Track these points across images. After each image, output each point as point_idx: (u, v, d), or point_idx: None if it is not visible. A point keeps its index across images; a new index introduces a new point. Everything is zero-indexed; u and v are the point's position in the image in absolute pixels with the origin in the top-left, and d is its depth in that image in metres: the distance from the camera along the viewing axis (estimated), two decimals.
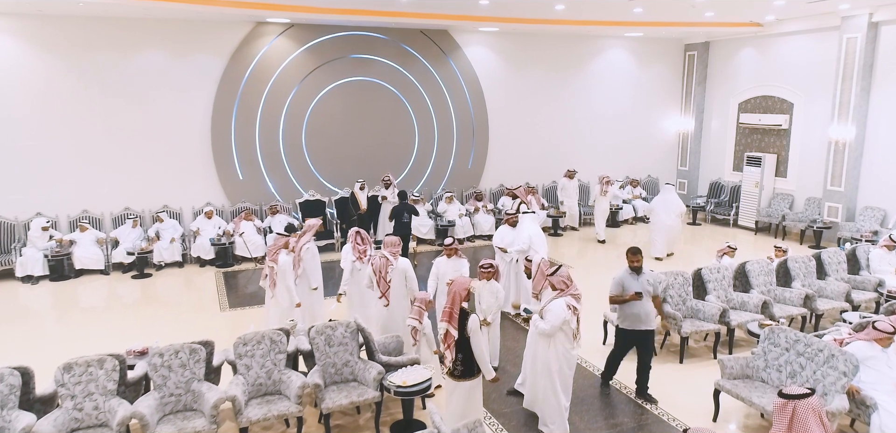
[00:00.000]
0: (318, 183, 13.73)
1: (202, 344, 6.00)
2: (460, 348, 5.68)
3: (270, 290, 7.70)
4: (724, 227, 15.37)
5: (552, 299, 6.03)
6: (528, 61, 15.15)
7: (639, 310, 6.71)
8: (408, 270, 7.52)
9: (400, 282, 7.49)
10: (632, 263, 6.74)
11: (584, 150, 15.94)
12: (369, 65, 13.75)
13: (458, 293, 5.73)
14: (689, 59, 16.75)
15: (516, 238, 9.01)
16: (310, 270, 8.29)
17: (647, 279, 6.79)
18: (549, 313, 5.97)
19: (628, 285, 6.74)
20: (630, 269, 6.75)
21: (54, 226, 11.89)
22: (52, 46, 11.54)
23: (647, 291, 6.73)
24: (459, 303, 5.69)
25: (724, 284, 8.46)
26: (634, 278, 6.73)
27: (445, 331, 5.74)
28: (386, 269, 7.44)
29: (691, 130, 16.81)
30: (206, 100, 12.66)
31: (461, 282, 5.86)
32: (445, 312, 5.75)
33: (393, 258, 7.49)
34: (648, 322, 6.74)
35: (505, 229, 9.29)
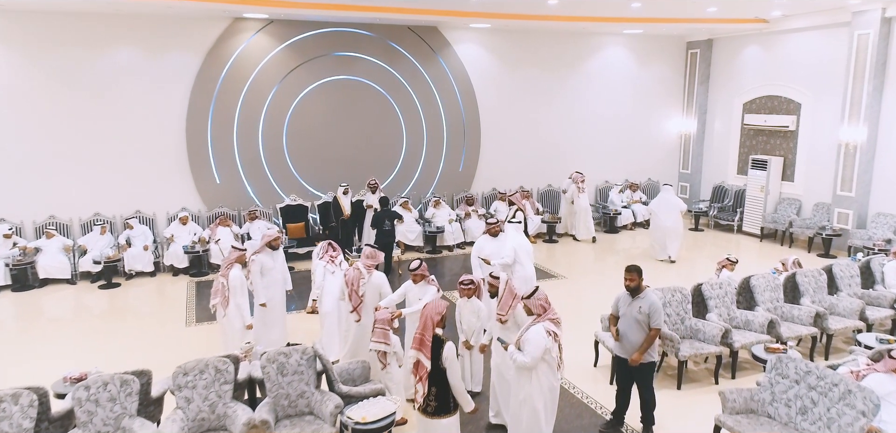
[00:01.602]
0: (301, 187, 13.07)
1: (136, 374, 5.34)
2: (434, 380, 5.00)
3: (222, 309, 7.04)
4: (728, 233, 14.65)
5: (529, 325, 5.35)
6: (521, 59, 14.46)
7: (623, 335, 5.98)
8: (383, 286, 6.86)
9: (374, 297, 6.83)
10: (626, 284, 5.97)
11: (581, 153, 15.23)
12: (354, 63, 13.09)
13: (431, 317, 5.06)
14: (691, 57, 16.04)
15: (499, 249, 8.31)
16: (256, 286, 7.56)
17: (641, 307, 5.86)
18: (528, 344, 5.27)
19: (621, 307, 6.04)
20: (626, 289, 6.01)
21: (19, 233, 11.27)
22: (16, 42, 10.91)
23: (637, 320, 5.87)
24: (432, 329, 5.02)
25: (727, 301, 7.76)
26: (627, 299, 6.00)
27: (416, 361, 5.06)
28: (357, 282, 6.78)
29: (693, 132, 16.09)
30: (180, 100, 12.01)
31: (434, 305, 5.18)
32: (416, 339, 5.08)
33: (366, 271, 6.82)
34: (633, 348, 5.91)
35: (485, 240, 8.59)
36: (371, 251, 6.96)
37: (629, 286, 5.94)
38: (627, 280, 5.95)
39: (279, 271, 7.88)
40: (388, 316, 6.15)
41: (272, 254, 7.80)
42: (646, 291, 5.94)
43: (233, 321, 7.09)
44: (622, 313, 6.00)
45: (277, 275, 7.84)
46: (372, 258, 6.90)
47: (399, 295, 6.62)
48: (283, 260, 8.07)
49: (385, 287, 6.86)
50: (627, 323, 5.94)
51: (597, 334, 7.55)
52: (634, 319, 5.88)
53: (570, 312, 9.06)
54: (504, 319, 5.96)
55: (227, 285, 7.00)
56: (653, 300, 5.91)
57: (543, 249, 13.28)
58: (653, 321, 5.87)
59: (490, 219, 8.81)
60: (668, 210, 12.31)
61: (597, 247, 13.73)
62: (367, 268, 6.83)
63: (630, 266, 5.98)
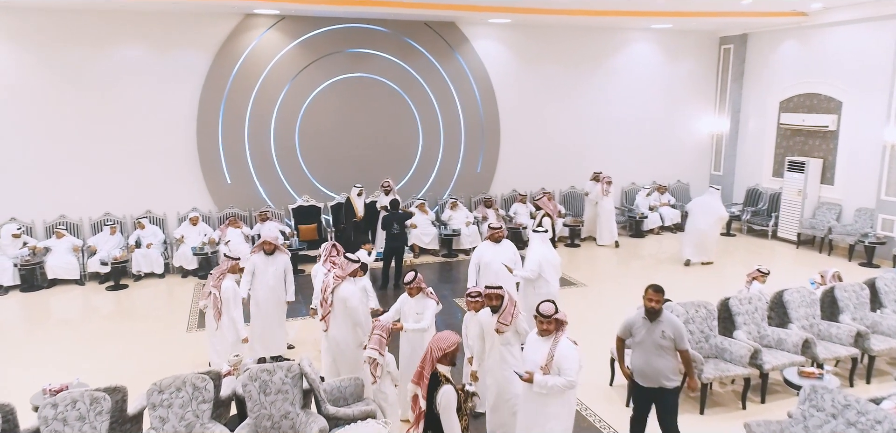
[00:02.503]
0: (313, 187, 12.73)
1: (109, 391, 5.00)
2: (429, 423, 4.41)
3: (215, 321, 6.69)
4: (762, 239, 13.86)
5: (559, 344, 4.93)
6: (543, 56, 13.87)
7: (643, 363, 5.36)
8: (349, 300, 6.28)
9: (340, 309, 6.34)
10: (647, 304, 5.31)
11: (606, 153, 14.58)
12: (368, 60, 12.69)
13: (432, 350, 4.43)
14: (724, 53, 15.24)
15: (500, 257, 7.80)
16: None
17: (664, 332, 5.27)
18: (566, 361, 4.88)
19: (636, 332, 5.43)
20: (645, 312, 5.36)
21: (30, 233, 11.16)
22: (25, 40, 10.77)
23: (660, 346, 5.27)
24: (432, 365, 4.41)
25: (757, 318, 7.12)
26: (645, 324, 5.36)
27: (414, 396, 4.56)
28: (326, 290, 6.36)
29: (726, 132, 15.30)
30: (190, 98, 11.77)
31: (440, 338, 4.46)
32: (416, 372, 4.54)
33: (336, 282, 6.38)
34: (658, 379, 5.31)
35: (486, 246, 8.09)
36: (344, 262, 6.48)
37: (652, 308, 5.30)
38: (651, 301, 5.30)
39: (272, 276, 7.47)
40: (389, 325, 5.72)
41: (266, 257, 7.43)
42: (663, 313, 5.35)
43: (226, 335, 6.74)
44: (639, 340, 5.38)
45: (269, 279, 7.43)
46: (342, 269, 6.42)
47: (394, 311, 6.16)
48: (283, 266, 7.63)
49: (352, 301, 6.25)
50: (648, 349, 5.31)
51: (613, 351, 6.99)
52: (656, 345, 5.27)
53: (586, 324, 8.58)
54: (504, 330, 5.53)
55: (219, 297, 6.65)
56: (675, 321, 5.35)
57: (564, 254, 12.62)
58: (680, 343, 5.30)
59: (494, 225, 8.26)
60: (705, 213, 11.73)
61: (620, 252, 13.11)
62: (336, 279, 6.38)
63: (655, 285, 5.36)
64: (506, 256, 7.82)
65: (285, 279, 7.60)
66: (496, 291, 5.64)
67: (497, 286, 5.70)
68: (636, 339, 5.41)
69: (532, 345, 5.12)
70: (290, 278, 7.63)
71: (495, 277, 7.78)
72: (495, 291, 5.65)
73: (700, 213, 11.86)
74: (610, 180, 13.29)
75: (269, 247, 7.41)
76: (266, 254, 7.40)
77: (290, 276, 7.64)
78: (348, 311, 6.19)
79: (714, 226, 11.88)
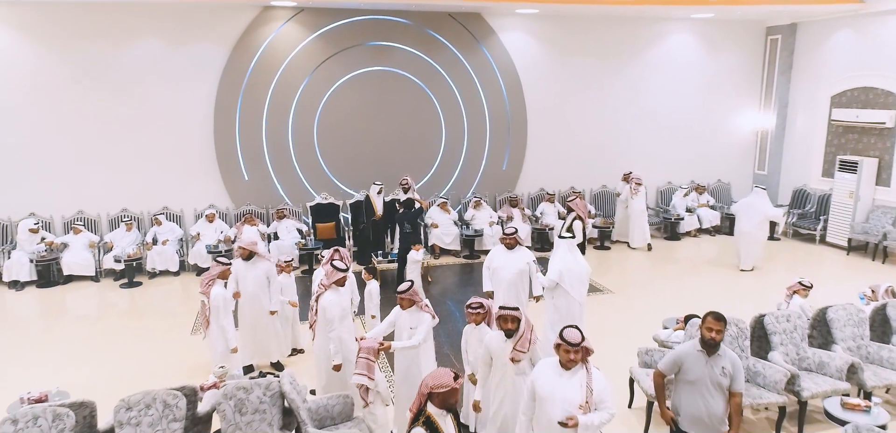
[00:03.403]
0: (332, 185, 12.39)
1: (74, 406, 4.69)
2: None
3: (203, 331, 6.36)
4: (809, 244, 12.90)
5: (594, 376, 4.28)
6: (574, 48, 13.18)
7: (700, 407, 4.57)
8: (327, 309, 5.85)
9: (321, 317, 5.92)
10: (707, 335, 4.52)
11: (641, 151, 13.83)
12: (389, 53, 12.25)
13: (426, 383, 3.79)
14: (770, 44, 14.25)
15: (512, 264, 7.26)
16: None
17: (724, 368, 4.52)
18: (607, 394, 4.27)
19: (690, 368, 4.60)
20: (701, 344, 4.58)
21: (48, 228, 11.14)
22: (42, 35, 10.71)
23: (719, 384, 4.53)
24: (421, 401, 3.79)
25: (796, 337, 6.40)
26: (702, 359, 4.56)
27: None
28: (315, 298, 5.95)
29: (772, 129, 14.31)
30: (208, 93, 11.55)
31: (435, 377, 3.79)
32: (412, 408, 3.92)
33: (320, 291, 5.95)
34: (716, 426, 4.56)
35: (498, 251, 7.56)
36: (329, 270, 6.02)
37: (712, 340, 4.52)
38: (712, 332, 4.51)
39: (252, 283, 7.05)
40: (375, 345, 5.26)
41: (245, 263, 7.05)
42: (721, 345, 4.60)
43: (215, 344, 6.40)
44: (693, 378, 4.58)
45: (249, 287, 7.03)
46: (328, 276, 5.97)
47: (387, 325, 5.69)
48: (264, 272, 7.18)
49: (330, 311, 5.82)
50: (705, 390, 4.54)
51: (632, 370, 6.39)
52: (716, 384, 4.53)
53: (605, 333, 7.97)
54: (520, 359, 4.92)
55: (208, 304, 6.31)
56: (734, 357, 4.61)
57: (593, 257, 12.02)
58: (736, 383, 4.56)
59: (508, 228, 7.70)
60: (749, 214, 11.03)
61: (652, 256, 12.36)
62: (323, 287, 5.93)
63: (717, 314, 4.57)
64: (519, 265, 7.27)
65: (269, 286, 7.16)
66: (512, 313, 4.92)
67: (513, 307, 4.96)
68: (689, 377, 4.60)
69: (555, 380, 4.26)
70: (274, 285, 7.19)
71: (508, 289, 7.29)
72: (511, 313, 4.92)
73: (743, 215, 11.20)
74: (639, 181, 12.54)
75: (244, 252, 7.02)
76: (244, 260, 7.00)
77: (275, 283, 7.21)
78: (326, 322, 5.77)
79: (759, 228, 11.10)
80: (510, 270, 7.27)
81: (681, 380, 4.69)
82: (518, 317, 4.94)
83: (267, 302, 7.13)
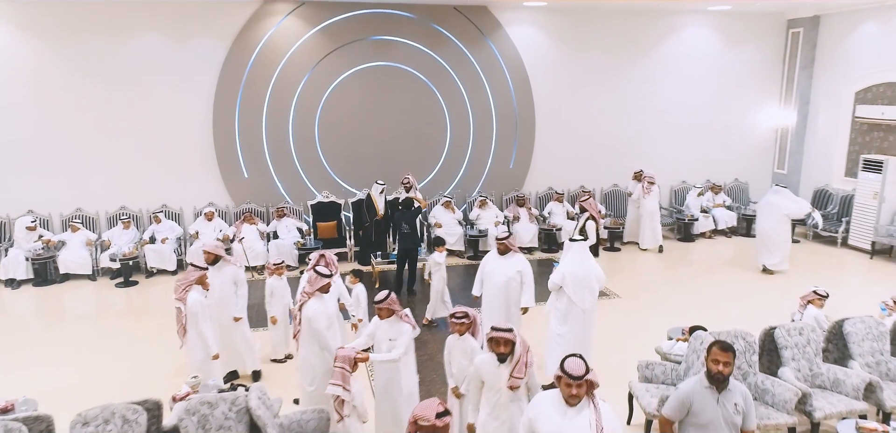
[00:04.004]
0: (333, 183, 12.11)
1: (29, 421, 4.44)
2: None
3: (180, 339, 6.09)
4: (830, 247, 12.32)
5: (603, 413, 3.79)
6: (583, 43, 12.73)
7: None
8: (313, 319, 5.54)
9: (306, 327, 5.61)
10: (713, 369, 4.06)
11: (654, 149, 13.35)
12: (393, 48, 11.92)
13: (413, 412, 3.48)
14: (792, 37, 13.65)
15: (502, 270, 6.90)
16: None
17: (737, 404, 4.08)
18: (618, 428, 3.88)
19: (701, 408, 4.09)
20: (708, 378, 4.10)
21: (46, 226, 11.03)
22: (39, 31, 10.56)
23: (733, 423, 4.07)
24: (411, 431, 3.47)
25: (809, 352, 5.95)
26: (712, 397, 4.08)
27: None
28: (298, 307, 5.62)
29: (792, 126, 13.72)
30: (207, 89, 11.33)
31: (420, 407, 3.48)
32: None
33: (305, 299, 5.63)
34: None
35: (491, 257, 7.22)
36: (313, 277, 5.69)
37: (720, 374, 4.05)
38: (719, 365, 4.04)
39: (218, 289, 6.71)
40: (351, 355, 4.95)
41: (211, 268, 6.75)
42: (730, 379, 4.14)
43: (193, 352, 6.13)
44: (707, 420, 4.08)
45: (215, 293, 6.67)
46: (311, 283, 5.65)
47: (367, 336, 5.36)
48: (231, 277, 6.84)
49: (315, 322, 5.49)
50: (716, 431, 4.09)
51: (631, 385, 5.99)
52: (729, 423, 4.07)
53: (608, 345, 7.57)
54: (518, 386, 4.44)
55: (185, 311, 6.03)
56: (745, 390, 4.18)
57: (602, 259, 11.59)
58: (748, 421, 4.12)
59: (501, 232, 7.34)
60: (769, 212, 10.61)
61: (664, 258, 11.90)
62: (307, 294, 5.61)
63: (723, 344, 4.08)
64: (509, 272, 6.92)
65: (236, 291, 6.83)
66: (504, 336, 4.40)
67: (505, 328, 4.44)
68: (700, 420, 4.09)
69: (560, 421, 3.74)
70: (241, 291, 6.86)
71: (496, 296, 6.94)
72: (503, 336, 4.40)
73: (763, 214, 10.79)
74: (652, 180, 12.07)
75: (208, 257, 6.72)
76: (209, 265, 6.71)
77: (242, 289, 6.88)
78: (313, 333, 5.46)
79: (779, 225, 10.61)
80: (499, 277, 6.93)
81: (690, 423, 4.16)
82: (512, 340, 4.43)
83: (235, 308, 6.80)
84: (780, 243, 10.69)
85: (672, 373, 5.96)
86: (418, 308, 9.16)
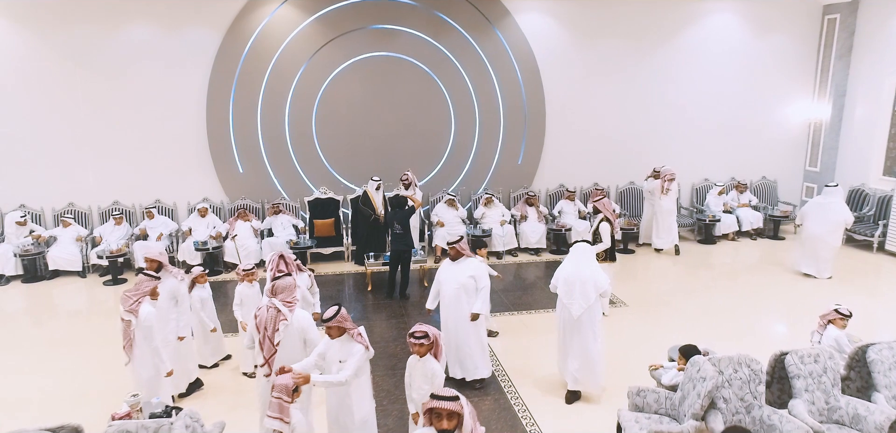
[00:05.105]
0: (331, 178, 11.62)
1: None
2: None
3: (126, 354, 5.64)
4: (865, 252, 11.35)
5: None
6: (598, 30, 11.95)
7: None
8: (308, 330, 5.15)
9: (295, 346, 5.13)
10: None
11: (674, 144, 12.53)
12: (394, 37, 11.35)
13: None
14: (828, 24, 12.63)
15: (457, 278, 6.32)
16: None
17: None
18: None
19: None
20: None
21: (38, 220, 10.81)
22: (28, 20, 10.27)
23: None
24: None
25: (826, 382, 5.20)
26: None
27: None
28: (274, 325, 5.07)
29: (826, 120, 12.72)
30: (200, 80, 10.94)
31: None
32: None
33: (287, 309, 5.12)
34: None
35: (444, 265, 6.63)
36: (288, 283, 5.18)
37: None
38: None
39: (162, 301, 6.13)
40: (290, 384, 4.42)
41: None
42: None
43: (140, 370, 5.66)
44: None
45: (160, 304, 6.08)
46: (288, 291, 5.15)
47: (317, 355, 4.82)
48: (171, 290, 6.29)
49: (311, 331, 5.14)
50: None
51: (620, 414, 5.33)
52: None
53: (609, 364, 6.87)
54: None
55: (134, 325, 5.56)
56: None
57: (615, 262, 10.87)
58: None
59: (450, 240, 6.68)
60: (823, 215, 9.75)
61: (681, 261, 11.12)
62: (286, 304, 5.10)
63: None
64: (460, 278, 6.35)
65: (176, 306, 6.34)
66: (448, 407, 3.52)
67: (449, 397, 3.54)
68: None
69: None
70: (182, 305, 6.36)
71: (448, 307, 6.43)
72: (447, 407, 3.52)
73: (814, 217, 9.85)
74: (672, 176, 11.25)
75: (151, 264, 6.23)
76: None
77: (183, 304, 6.39)
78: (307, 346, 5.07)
79: (832, 233, 9.75)
80: (450, 285, 6.38)
81: None
82: (457, 413, 3.54)
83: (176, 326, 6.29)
84: (832, 250, 9.85)
85: (667, 401, 5.29)
86: (412, 315, 8.62)
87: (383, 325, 8.42)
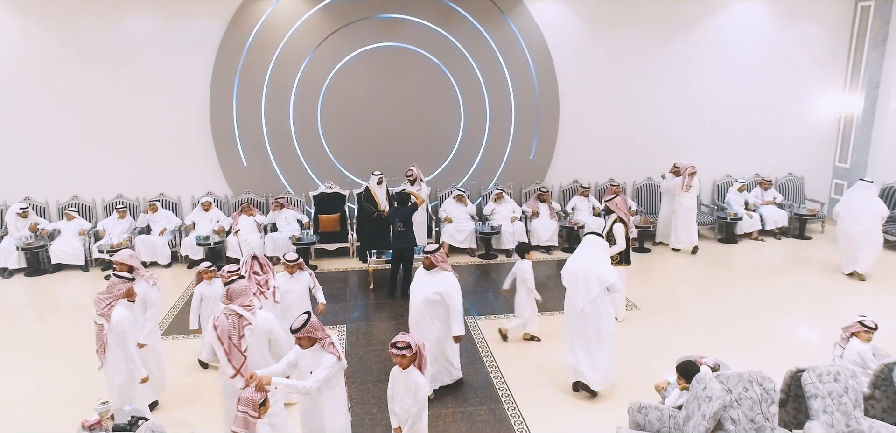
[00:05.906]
0: (337, 172, 11.35)
1: None
2: None
3: (99, 358, 5.41)
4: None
5: None
6: (614, 21, 11.43)
7: None
8: (273, 331, 4.85)
9: (262, 348, 4.83)
10: None
11: (694, 139, 11.97)
12: (401, 27, 11.00)
13: None
14: (861, 12, 11.93)
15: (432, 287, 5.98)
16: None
17: None
18: None
19: None
20: None
21: (43, 213, 10.74)
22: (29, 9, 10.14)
23: None
24: None
25: (847, 403, 4.74)
26: None
27: None
28: (239, 331, 4.76)
29: (858, 114, 12.04)
30: (203, 71, 10.73)
31: None
32: None
33: (248, 313, 4.81)
34: None
35: (419, 274, 6.22)
36: (242, 287, 4.84)
37: None
38: None
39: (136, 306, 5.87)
40: (256, 399, 4.12)
41: None
42: None
43: (114, 376, 5.41)
44: None
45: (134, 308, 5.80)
46: (244, 294, 4.82)
47: (287, 364, 4.51)
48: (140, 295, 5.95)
49: (275, 331, 4.84)
50: None
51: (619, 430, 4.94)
52: None
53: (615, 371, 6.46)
54: None
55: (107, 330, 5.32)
56: None
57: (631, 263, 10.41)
58: None
59: (427, 250, 6.13)
60: (860, 211, 9.29)
61: (699, 261, 10.61)
62: (246, 308, 4.79)
63: None
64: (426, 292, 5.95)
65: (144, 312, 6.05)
66: None
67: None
68: None
69: None
70: (150, 311, 6.08)
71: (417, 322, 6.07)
72: None
73: (849, 214, 9.40)
74: (693, 170, 10.71)
75: (120, 267, 5.95)
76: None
77: (152, 311, 6.10)
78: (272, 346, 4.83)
79: (871, 230, 9.27)
80: (418, 296, 6.01)
81: None
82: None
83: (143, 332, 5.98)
84: (875, 245, 9.37)
85: (670, 420, 4.88)
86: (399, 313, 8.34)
87: (383, 325, 8.14)
